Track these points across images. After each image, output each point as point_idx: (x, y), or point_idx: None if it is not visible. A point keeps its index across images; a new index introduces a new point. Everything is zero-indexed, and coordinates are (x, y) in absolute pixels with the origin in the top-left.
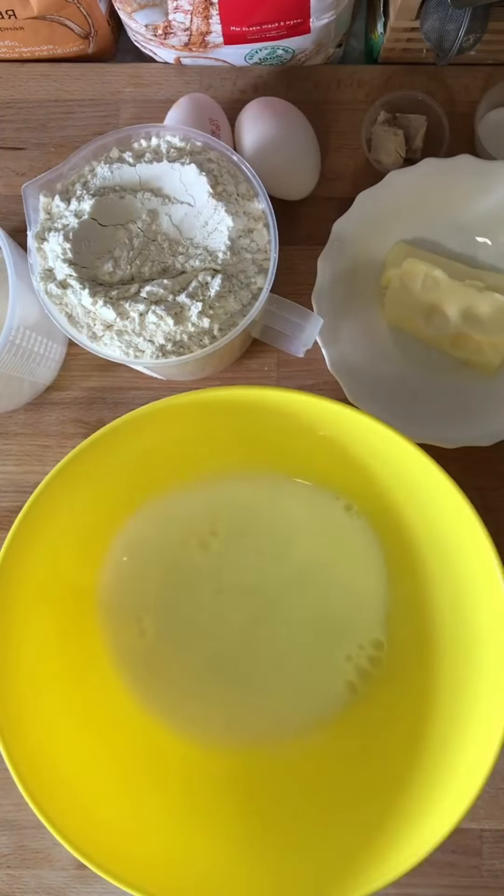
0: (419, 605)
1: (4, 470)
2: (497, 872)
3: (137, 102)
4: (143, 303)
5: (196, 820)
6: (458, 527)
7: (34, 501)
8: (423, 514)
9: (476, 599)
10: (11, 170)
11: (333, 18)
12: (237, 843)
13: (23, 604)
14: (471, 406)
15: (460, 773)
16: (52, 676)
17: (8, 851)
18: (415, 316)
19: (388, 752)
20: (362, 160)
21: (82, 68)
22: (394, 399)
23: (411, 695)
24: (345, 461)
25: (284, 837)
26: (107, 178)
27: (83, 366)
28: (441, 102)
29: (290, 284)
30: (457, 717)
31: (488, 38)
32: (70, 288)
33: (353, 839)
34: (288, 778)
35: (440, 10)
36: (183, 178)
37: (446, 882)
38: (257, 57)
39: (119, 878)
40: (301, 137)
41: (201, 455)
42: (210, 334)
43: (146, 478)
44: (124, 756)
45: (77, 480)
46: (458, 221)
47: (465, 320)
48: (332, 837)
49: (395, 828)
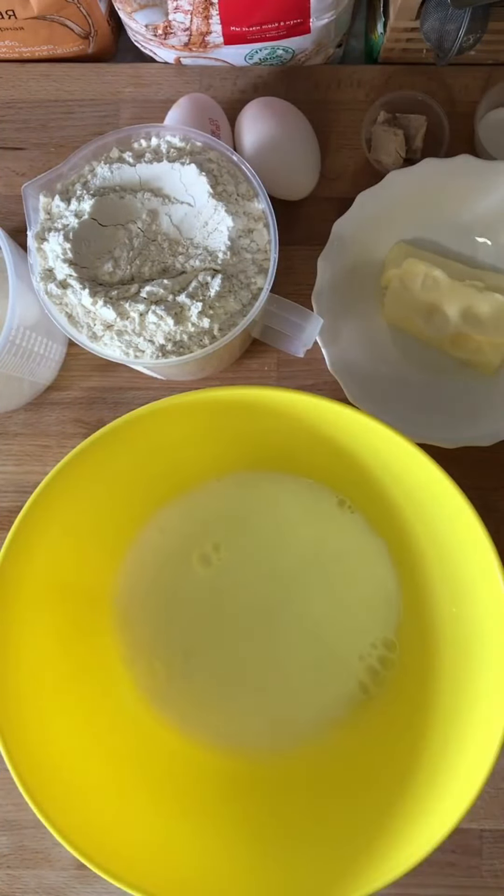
0: (419, 606)
1: (4, 470)
2: (497, 872)
3: (137, 102)
4: (143, 303)
5: (196, 820)
6: (458, 527)
7: (34, 501)
8: (423, 514)
9: (476, 599)
10: (11, 170)
11: (333, 18)
12: (237, 842)
13: (23, 604)
14: (471, 406)
15: (460, 773)
16: (53, 677)
17: (8, 851)
18: (415, 316)
19: (388, 753)
20: (362, 160)
21: (82, 68)
22: (394, 399)
23: (413, 695)
24: (345, 461)
25: (285, 837)
26: (107, 178)
27: (83, 366)
28: (441, 102)
29: (290, 284)
30: (457, 717)
31: (488, 38)
32: (70, 288)
33: (353, 839)
34: (289, 779)
35: (440, 10)
36: (183, 178)
37: (446, 882)
38: (257, 57)
39: (119, 877)
40: (301, 137)
41: (201, 456)
42: (210, 334)
43: (147, 478)
44: (125, 756)
45: (77, 480)
46: (458, 221)
47: (465, 320)
48: (332, 837)
49: (395, 828)
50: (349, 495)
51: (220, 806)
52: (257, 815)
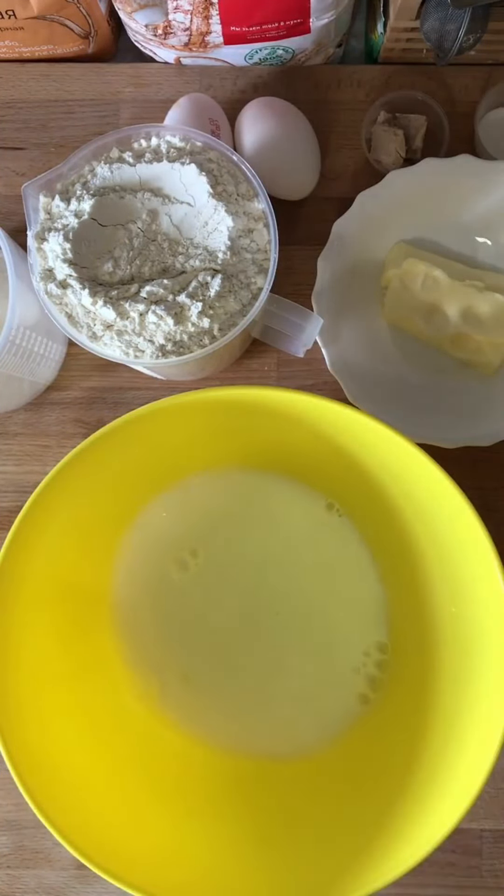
0: (419, 607)
1: (4, 470)
2: (497, 872)
3: (137, 102)
4: (143, 303)
5: (196, 820)
6: (458, 527)
7: (34, 501)
8: (423, 514)
9: (476, 599)
10: (11, 170)
11: (333, 18)
12: (237, 843)
13: (23, 604)
14: (471, 406)
15: (460, 773)
16: (53, 677)
17: (8, 851)
18: (415, 316)
19: (388, 753)
20: (362, 160)
21: (82, 68)
22: (394, 399)
23: (413, 696)
24: (344, 461)
25: (285, 837)
26: (107, 178)
27: (83, 366)
28: (441, 102)
29: (290, 284)
30: (457, 717)
31: (488, 38)
32: (70, 288)
33: (354, 839)
34: (289, 779)
35: (440, 10)
36: (183, 178)
37: (446, 882)
38: (257, 57)
39: (119, 877)
40: (301, 137)
41: (200, 456)
42: (210, 334)
43: (146, 477)
44: (125, 756)
45: (77, 480)
46: (458, 221)
47: (465, 320)
48: (333, 837)
49: (395, 828)
50: (346, 496)
51: (220, 806)
52: (257, 815)
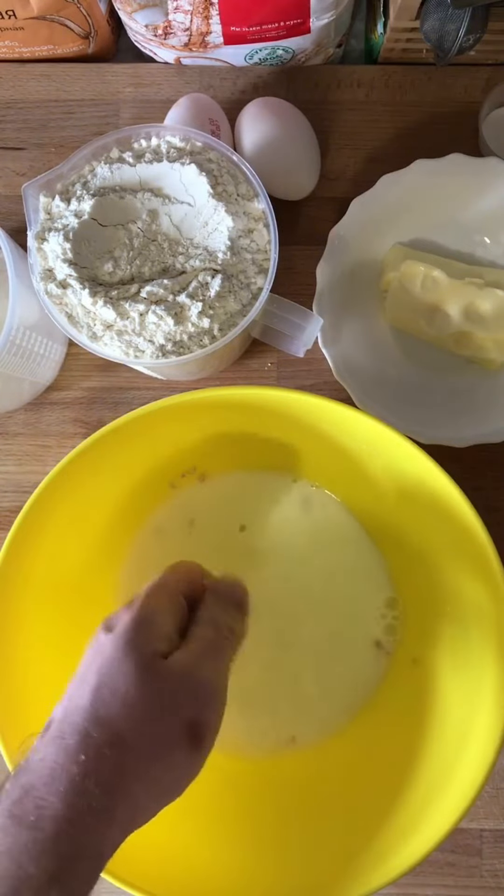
0: (419, 607)
1: (4, 470)
2: (497, 872)
3: (137, 102)
4: (143, 303)
5: (195, 819)
6: (458, 527)
7: (34, 501)
8: (423, 514)
9: (476, 600)
10: (11, 170)
11: (333, 18)
12: (237, 842)
13: (24, 604)
14: (478, 403)
15: (460, 773)
16: (54, 677)
17: None
18: (416, 317)
19: (388, 753)
20: (362, 160)
21: (82, 68)
22: (401, 401)
23: (413, 695)
24: (344, 461)
25: (284, 837)
26: (107, 178)
27: (83, 366)
28: (440, 102)
29: (290, 284)
30: (457, 717)
31: (488, 38)
32: (70, 288)
33: (353, 839)
34: (289, 779)
35: (440, 10)
36: (183, 178)
37: (446, 882)
38: (257, 57)
39: (119, 877)
40: (301, 137)
41: (200, 456)
42: (210, 334)
43: (146, 477)
44: None
45: (77, 480)
46: (455, 220)
47: (467, 318)
48: (332, 837)
49: (395, 828)
50: (346, 495)
51: (220, 806)
52: (257, 815)
